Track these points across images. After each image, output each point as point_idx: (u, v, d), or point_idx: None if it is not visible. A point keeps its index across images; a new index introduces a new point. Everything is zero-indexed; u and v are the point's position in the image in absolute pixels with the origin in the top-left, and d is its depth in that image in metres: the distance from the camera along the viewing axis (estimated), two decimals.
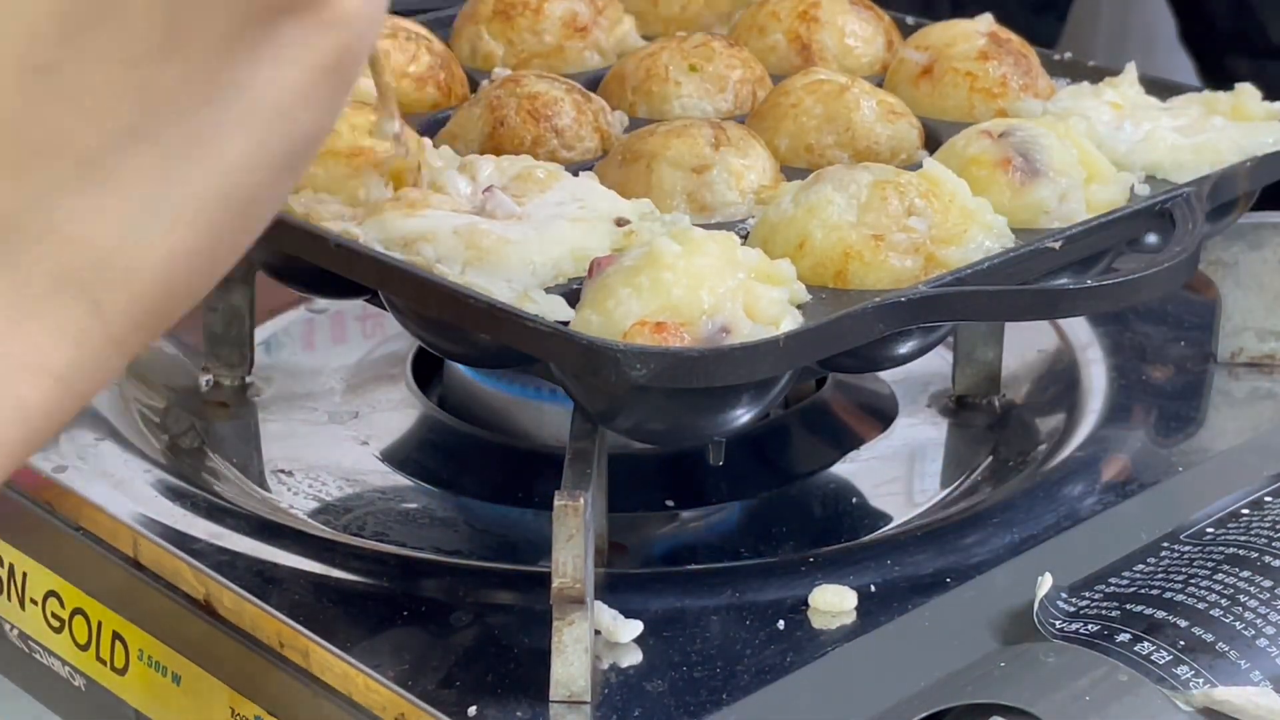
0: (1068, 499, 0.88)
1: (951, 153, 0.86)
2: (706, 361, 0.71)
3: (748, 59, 0.97)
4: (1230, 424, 0.96)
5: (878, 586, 0.80)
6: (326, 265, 0.80)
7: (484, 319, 0.75)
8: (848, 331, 0.75)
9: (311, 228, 0.81)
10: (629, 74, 0.96)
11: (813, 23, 1.01)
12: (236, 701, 0.79)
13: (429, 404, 0.98)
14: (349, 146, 0.83)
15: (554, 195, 0.82)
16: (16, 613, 0.89)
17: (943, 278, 0.77)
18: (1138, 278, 0.78)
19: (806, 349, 0.74)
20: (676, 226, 0.78)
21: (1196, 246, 0.81)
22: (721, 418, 0.76)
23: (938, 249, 0.79)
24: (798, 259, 0.79)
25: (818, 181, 0.81)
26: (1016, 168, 0.84)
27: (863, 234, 0.79)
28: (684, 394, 0.73)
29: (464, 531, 0.89)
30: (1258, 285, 0.99)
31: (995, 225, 0.81)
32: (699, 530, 0.90)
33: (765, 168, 0.86)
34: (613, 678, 0.74)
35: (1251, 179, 0.91)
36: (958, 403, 1.00)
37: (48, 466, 0.88)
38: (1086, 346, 1.02)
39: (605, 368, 0.71)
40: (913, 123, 0.92)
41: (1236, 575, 0.76)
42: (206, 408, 0.99)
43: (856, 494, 0.93)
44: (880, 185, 0.80)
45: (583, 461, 0.74)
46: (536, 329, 0.73)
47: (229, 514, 0.86)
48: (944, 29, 0.98)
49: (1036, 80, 0.96)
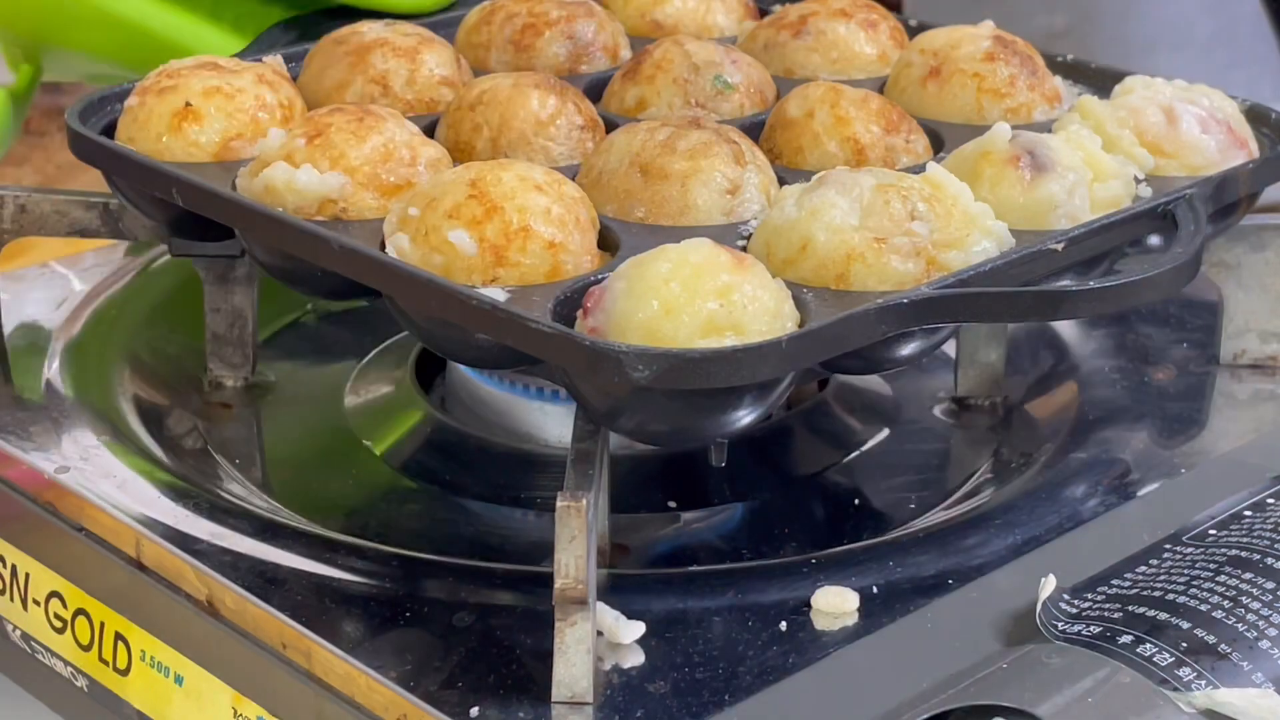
0: (1070, 500, 0.88)
1: (961, 155, 0.87)
2: (708, 363, 0.71)
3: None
4: (1233, 426, 0.96)
5: (880, 588, 0.80)
6: (330, 268, 0.81)
7: (486, 321, 0.75)
8: (850, 333, 0.75)
9: (314, 229, 0.81)
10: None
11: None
12: (239, 702, 0.79)
13: (431, 405, 0.98)
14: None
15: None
16: (19, 613, 0.89)
17: (945, 280, 0.77)
18: (1139, 280, 0.79)
19: (808, 351, 0.74)
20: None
21: (1199, 248, 0.82)
22: (725, 418, 0.76)
23: (940, 252, 0.79)
24: (800, 261, 0.79)
25: (821, 185, 0.81)
26: (1025, 164, 0.84)
27: (865, 237, 0.79)
28: (687, 395, 0.73)
29: (466, 532, 0.89)
30: (1260, 287, 0.99)
31: (996, 230, 0.81)
32: (701, 531, 0.90)
33: (772, 177, 0.87)
34: (615, 678, 0.74)
35: (1253, 180, 0.91)
36: (960, 404, 1.00)
37: (50, 467, 0.88)
38: (1089, 348, 1.02)
39: (607, 369, 0.71)
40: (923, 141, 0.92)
41: (1239, 577, 0.76)
42: (209, 408, 0.99)
43: (859, 495, 0.93)
44: (883, 189, 0.80)
45: (585, 462, 0.74)
46: (540, 330, 0.73)
47: (231, 515, 0.86)
48: (947, 33, 0.98)
49: (1043, 81, 0.97)
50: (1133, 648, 0.72)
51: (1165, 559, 0.79)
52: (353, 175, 0.85)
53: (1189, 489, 0.88)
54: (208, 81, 0.91)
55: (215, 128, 0.90)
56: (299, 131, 0.86)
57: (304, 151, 0.85)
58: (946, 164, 0.86)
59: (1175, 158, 0.91)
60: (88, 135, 0.90)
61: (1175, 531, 0.82)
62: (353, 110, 0.87)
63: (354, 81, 0.95)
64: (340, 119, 0.86)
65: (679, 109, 0.95)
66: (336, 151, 0.85)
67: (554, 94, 0.91)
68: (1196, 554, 0.79)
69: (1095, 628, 0.74)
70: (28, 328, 1.02)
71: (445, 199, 0.80)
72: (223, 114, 0.90)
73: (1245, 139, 0.93)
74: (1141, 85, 0.95)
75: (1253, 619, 0.74)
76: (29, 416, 0.93)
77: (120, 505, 0.85)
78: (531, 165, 0.83)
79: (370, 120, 0.86)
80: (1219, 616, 0.74)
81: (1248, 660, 0.72)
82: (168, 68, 0.92)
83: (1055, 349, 1.03)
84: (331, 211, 0.84)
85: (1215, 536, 0.81)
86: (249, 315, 0.99)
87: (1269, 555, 0.78)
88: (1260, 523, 0.81)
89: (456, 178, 0.81)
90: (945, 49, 0.97)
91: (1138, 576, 0.78)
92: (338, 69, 0.96)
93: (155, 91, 0.91)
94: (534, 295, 0.77)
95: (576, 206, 0.81)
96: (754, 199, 0.85)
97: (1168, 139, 0.91)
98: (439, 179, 0.82)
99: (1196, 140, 0.91)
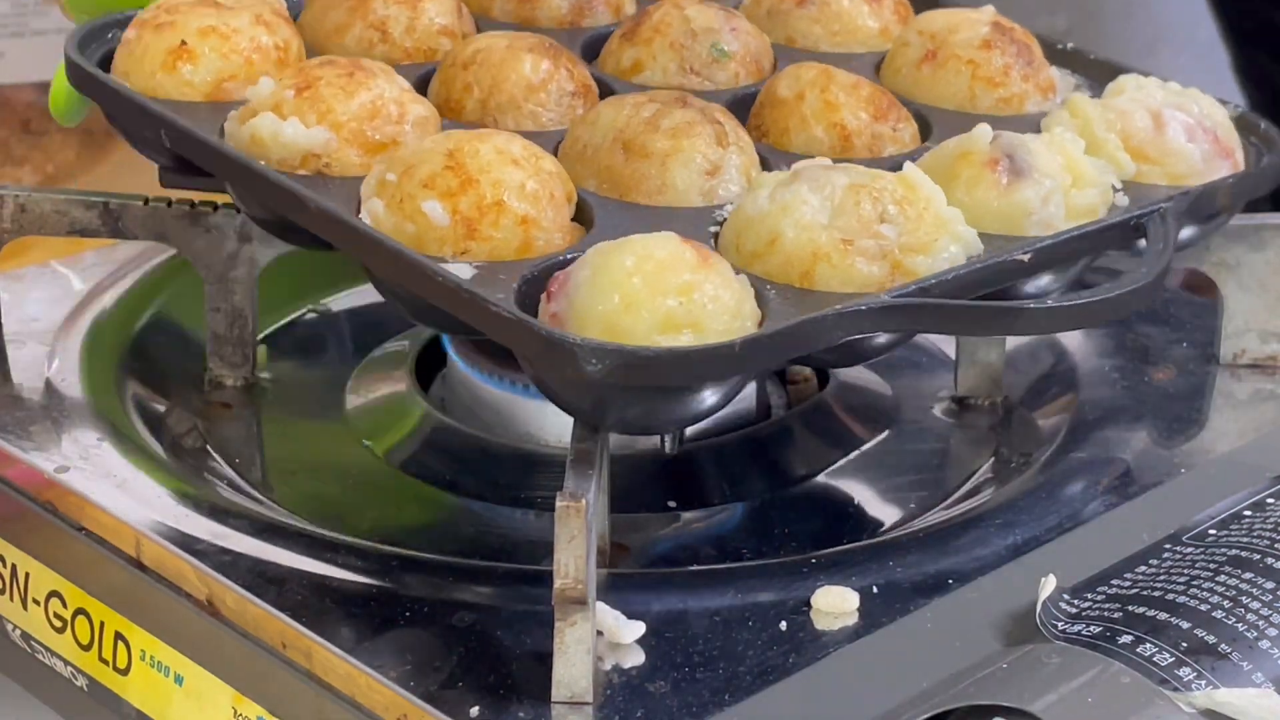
0: (1070, 500, 0.88)
1: (942, 152, 0.87)
2: (661, 362, 0.72)
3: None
4: (1232, 425, 0.96)
5: (880, 588, 0.80)
6: (305, 226, 0.82)
7: (450, 297, 0.76)
8: (806, 338, 0.76)
9: (292, 186, 0.82)
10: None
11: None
12: (239, 702, 0.79)
13: (431, 405, 0.98)
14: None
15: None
16: (19, 613, 0.89)
17: (906, 288, 0.78)
18: (1099, 300, 0.79)
19: (763, 354, 0.75)
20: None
21: (1163, 269, 0.81)
22: (680, 412, 0.77)
23: (906, 257, 0.80)
24: (767, 256, 0.80)
25: (795, 180, 0.81)
26: (1003, 168, 0.85)
27: (833, 237, 0.79)
28: (641, 389, 0.74)
29: (466, 532, 0.89)
30: (1260, 287, 0.99)
31: (966, 235, 0.82)
32: (701, 531, 0.90)
33: (754, 159, 0.88)
34: (615, 678, 0.74)
35: (1232, 195, 0.91)
36: (960, 404, 1.00)
37: (50, 467, 0.88)
38: (1088, 347, 1.02)
39: (562, 360, 0.72)
40: (911, 128, 0.92)
41: (1239, 577, 0.76)
42: (209, 408, 0.99)
43: (858, 495, 0.93)
44: (855, 189, 0.80)
45: (585, 462, 0.74)
46: (499, 315, 0.74)
47: (232, 514, 0.86)
48: (946, 15, 0.98)
49: (1039, 71, 0.97)
50: (1133, 648, 0.72)
51: (1165, 559, 0.79)
52: (338, 131, 0.85)
53: (1189, 489, 0.88)
54: (204, 20, 0.91)
55: (209, 68, 0.90)
56: (289, 83, 0.87)
57: (292, 103, 0.85)
58: (926, 160, 0.87)
59: (1159, 164, 0.90)
60: (84, 66, 0.91)
61: (1175, 531, 0.82)
62: (344, 64, 0.88)
63: (353, 25, 0.95)
64: (330, 72, 0.87)
65: (674, 74, 0.95)
66: (324, 106, 0.85)
67: (547, 58, 0.92)
68: (1196, 554, 0.79)
69: (1095, 628, 0.74)
70: (28, 327, 1.02)
71: (422, 167, 0.81)
72: (217, 54, 0.90)
73: (1231, 149, 0.93)
74: (1133, 86, 0.95)
75: (1253, 619, 0.74)
76: (29, 416, 0.93)
77: (120, 505, 0.85)
78: (512, 137, 0.83)
79: (360, 75, 0.87)
80: (1219, 616, 0.74)
81: (1248, 660, 0.72)
82: (168, 0, 0.93)
83: (1055, 349, 1.03)
84: (314, 166, 0.85)
85: (1215, 536, 0.81)
86: (249, 315, 0.99)
87: (1269, 555, 0.78)
88: (1260, 522, 0.81)
89: (435, 146, 0.82)
90: (943, 32, 0.97)
91: (1137, 576, 0.78)
92: (338, 12, 0.96)
93: (153, 26, 0.91)
94: (500, 273, 0.78)
95: (552, 182, 0.82)
96: (734, 181, 0.85)
97: (1153, 145, 0.91)
98: (419, 146, 0.82)
99: (1181, 148, 0.91)
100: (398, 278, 0.80)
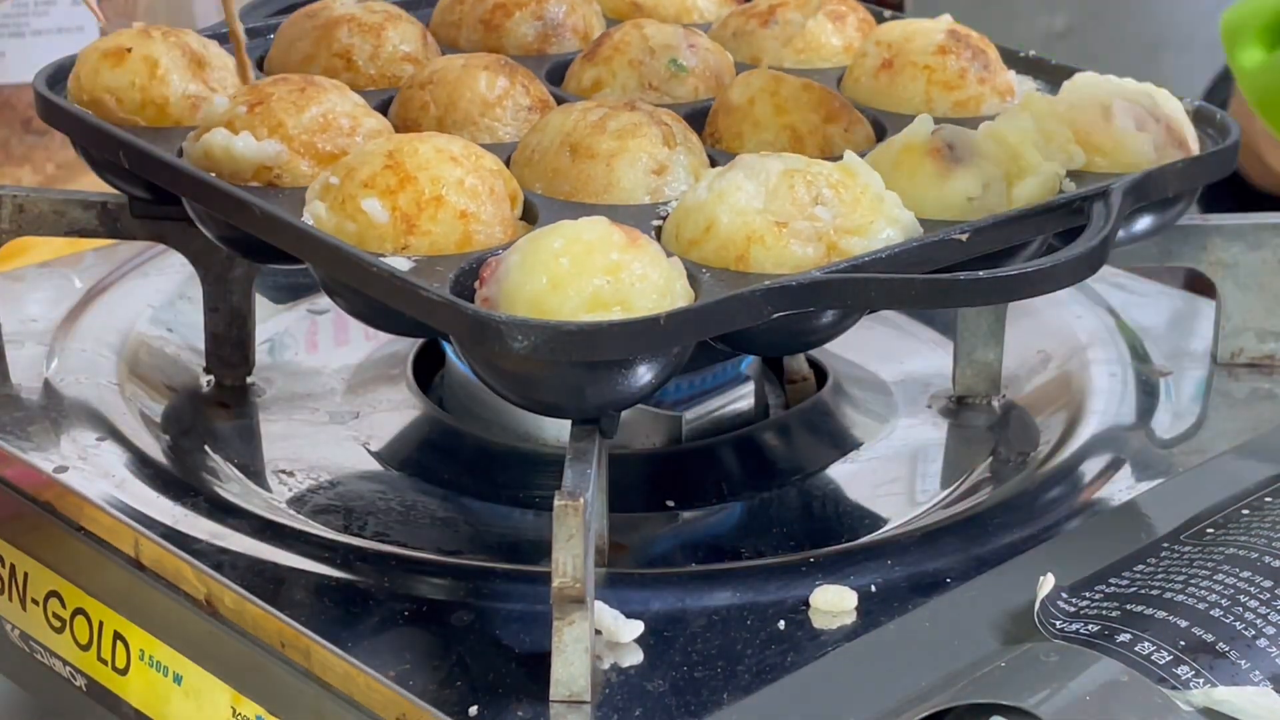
0: (1068, 499, 0.88)
1: (887, 145, 0.88)
2: (586, 336, 0.73)
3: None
4: (1230, 424, 0.96)
5: (878, 587, 0.80)
6: (252, 232, 0.83)
7: (385, 287, 0.77)
8: (735, 313, 0.76)
9: (237, 193, 0.84)
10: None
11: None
12: (238, 701, 0.79)
13: (430, 404, 0.98)
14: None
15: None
16: (17, 613, 0.89)
17: (839, 265, 0.78)
18: (1032, 271, 0.79)
19: (689, 328, 0.76)
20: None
21: (1100, 244, 0.81)
22: (610, 391, 0.77)
23: (841, 238, 0.80)
24: (704, 242, 0.80)
25: (732, 168, 0.82)
26: (943, 156, 0.85)
27: (767, 220, 0.80)
28: (572, 366, 0.75)
29: (465, 531, 0.89)
30: (1257, 286, 0.99)
31: (904, 219, 0.82)
32: (699, 530, 0.90)
33: (704, 160, 0.88)
34: (613, 677, 0.74)
35: (1183, 179, 0.90)
36: (958, 403, 1.00)
37: (49, 466, 0.88)
38: (1087, 346, 1.03)
39: (489, 338, 0.73)
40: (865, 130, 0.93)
41: (1237, 575, 0.76)
42: (208, 408, 0.99)
43: (857, 494, 0.93)
44: (789, 174, 0.81)
45: (583, 461, 0.74)
46: (429, 298, 0.75)
47: (230, 514, 0.86)
48: (903, 26, 1.00)
49: (995, 75, 0.97)
50: (1131, 646, 0.72)
51: (1163, 557, 0.80)
52: (289, 144, 0.87)
53: (1186, 488, 0.88)
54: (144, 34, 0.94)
55: (140, 70, 0.93)
56: (242, 99, 0.88)
57: (244, 118, 0.87)
58: (873, 154, 0.87)
59: (1110, 155, 0.90)
60: (49, 96, 0.93)
61: (1173, 530, 0.82)
62: (296, 80, 0.89)
63: (319, 55, 0.97)
64: (283, 88, 0.88)
65: (634, 90, 0.96)
66: (275, 120, 0.87)
67: (503, 74, 0.93)
68: (1194, 552, 0.79)
69: (1093, 626, 0.74)
70: (27, 327, 1.02)
71: (363, 169, 0.82)
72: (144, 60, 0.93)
73: (1185, 139, 0.92)
74: (1087, 82, 0.95)
75: (1251, 617, 0.74)
76: (28, 416, 0.93)
77: (119, 505, 0.85)
78: (454, 138, 0.84)
79: (312, 90, 0.88)
80: (1217, 615, 0.74)
81: (1246, 658, 0.72)
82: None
83: (1053, 348, 1.03)
84: (266, 178, 0.86)
85: (1213, 535, 0.81)
86: (248, 315, 0.99)
87: (1267, 554, 0.78)
88: (1258, 521, 0.81)
89: (377, 149, 0.83)
90: (900, 41, 0.98)
91: (1136, 575, 0.78)
92: (305, 42, 0.98)
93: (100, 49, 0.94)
94: (438, 265, 0.79)
95: (492, 178, 0.83)
96: (682, 181, 0.86)
97: (1103, 134, 0.90)
98: (362, 150, 0.84)
99: (1131, 137, 0.91)
100: (338, 274, 0.81)
